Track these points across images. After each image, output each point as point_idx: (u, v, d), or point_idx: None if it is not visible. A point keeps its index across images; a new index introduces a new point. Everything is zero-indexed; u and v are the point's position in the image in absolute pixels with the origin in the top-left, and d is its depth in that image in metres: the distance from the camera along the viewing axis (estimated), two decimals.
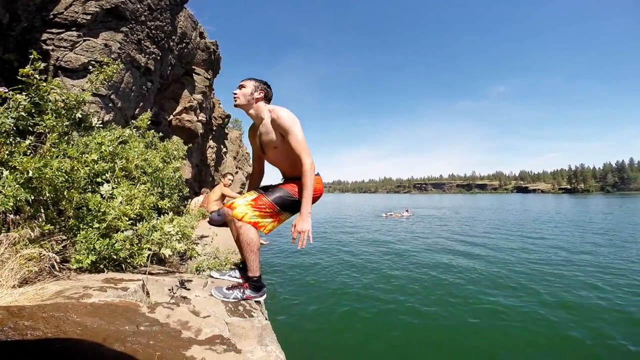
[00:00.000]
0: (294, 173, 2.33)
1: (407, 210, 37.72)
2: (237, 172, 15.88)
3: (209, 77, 10.17)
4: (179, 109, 8.37)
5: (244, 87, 2.25)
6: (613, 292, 9.11)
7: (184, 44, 7.94)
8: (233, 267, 2.98)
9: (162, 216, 2.32)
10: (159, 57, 6.10)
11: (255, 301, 2.52)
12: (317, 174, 2.35)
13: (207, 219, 5.48)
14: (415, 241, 20.46)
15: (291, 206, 2.26)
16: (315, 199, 2.30)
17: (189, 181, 9.32)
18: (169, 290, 2.44)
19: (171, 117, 8.24)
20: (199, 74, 9.68)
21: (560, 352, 6.40)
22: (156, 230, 2.32)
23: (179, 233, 2.72)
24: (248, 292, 2.49)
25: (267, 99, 2.34)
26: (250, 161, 21.86)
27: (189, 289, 2.58)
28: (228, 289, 2.52)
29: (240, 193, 15.44)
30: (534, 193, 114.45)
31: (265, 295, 2.63)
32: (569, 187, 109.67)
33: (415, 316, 8.27)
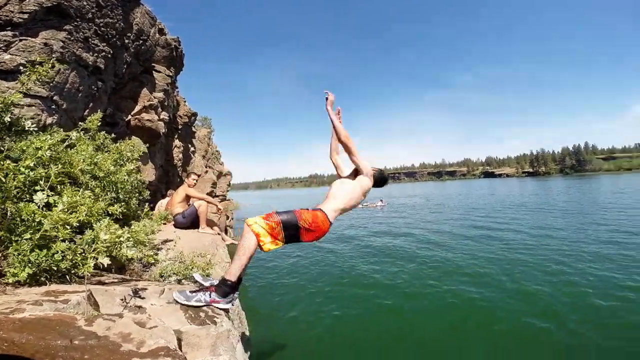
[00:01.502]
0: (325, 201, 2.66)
1: (381, 200, 38.59)
2: (206, 172, 15.37)
3: (170, 74, 9.79)
4: (137, 108, 7.95)
5: (374, 165, 2.91)
6: (572, 278, 9.65)
7: (141, 41, 7.58)
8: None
9: (98, 223, 2.20)
10: (110, 55, 5.77)
11: (221, 308, 2.38)
12: (325, 215, 2.54)
13: (172, 222, 5.31)
14: (389, 231, 21.07)
15: (291, 228, 2.34)
16: (316, 237, 2.51)
17: (154, 183, 8.95)
18: (121, 300, 2.33)
19: (129, 117, 7.83)
20: (159, 72, 9.28)
21: (519, 337, 6.77)
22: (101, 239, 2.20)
23: (131, 239, 2.60)
24: (214, 295, 2.37)
25: (375, 181, 2.85)
26: (221, 160, 21.52)
27: (143, 298, 2.47)
28: (192, 292, 2.42)
29: (210, 194, 14.97)
30: (499, 177, 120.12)
31: (233, 305, 2.49)
32: (531, 170, 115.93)
33: (388, 307, 8.50)
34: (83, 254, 2.12)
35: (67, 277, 2.24)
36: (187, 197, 5.21)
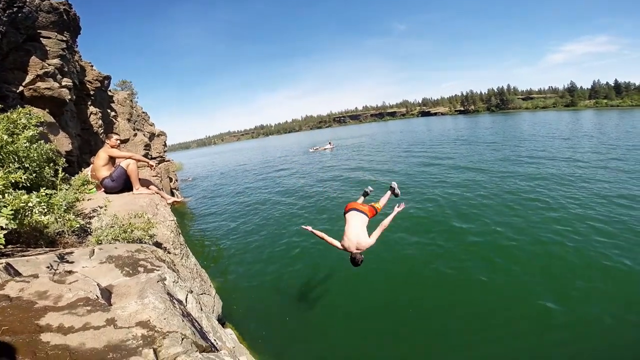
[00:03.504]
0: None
1: (329, 143, 39.92)
2: (135, 134, 14.14)
3: (65, 39, 8.74)
4: (30, 78, 7.25)
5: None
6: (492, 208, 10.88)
7: (16, 9, 6.68)
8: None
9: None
10: None
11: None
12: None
13: (102, 189, 4.86)
14: (339, 169, 22.03)
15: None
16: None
17: (74, 154, 8.22)
18: (48, 267, 2.16)
19: (21, 88, 7.12)
20: (49, 38, 8.27)
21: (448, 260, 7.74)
22: (5, 206, 1.94)
23: (43, 204, 2.34)
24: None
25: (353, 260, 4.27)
26: (150, 121, 19.73)
27: (72, 262, 2.32)
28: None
29: (147, 155, 13.90)
30: (435, 116, 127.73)
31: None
32: (462, 109, 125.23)
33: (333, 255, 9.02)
34: None
35: None
36: (112, 159, 4.74)
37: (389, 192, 5.21)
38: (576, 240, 7.86)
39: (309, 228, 4.58)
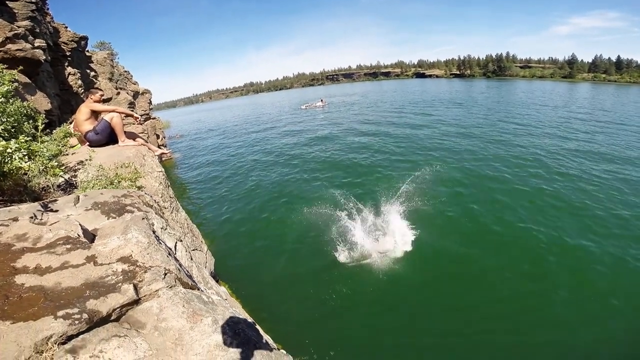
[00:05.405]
0: None
1: (321, 100, 40.04)
2: (118, 93, 13.97)
3: (33, 0, 8.39)
4: None
5: None
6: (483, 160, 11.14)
7: None
8: None
9: None
10: None
11: None
12: None
13: (87, 143, 4.73)
14: (331, 125, 22.01)
15: None
16: None
17: (54, 113, 8.29)
18: (31, 217, 2.11)
19: None
20: (16, 0, 7.99)
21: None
22: None
23: (22, 150, 2.28)
24: None
25: None
26: (134, 79, 19.06)
27: (56, 210, 2.27)
28: None
29: (131, 109, 13.76)
30: (430, 78, 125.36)
31: None
32: (458, 72, 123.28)
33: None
34: None
35: None
36: (95, 114, 4.58)
37: None
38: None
39: None
